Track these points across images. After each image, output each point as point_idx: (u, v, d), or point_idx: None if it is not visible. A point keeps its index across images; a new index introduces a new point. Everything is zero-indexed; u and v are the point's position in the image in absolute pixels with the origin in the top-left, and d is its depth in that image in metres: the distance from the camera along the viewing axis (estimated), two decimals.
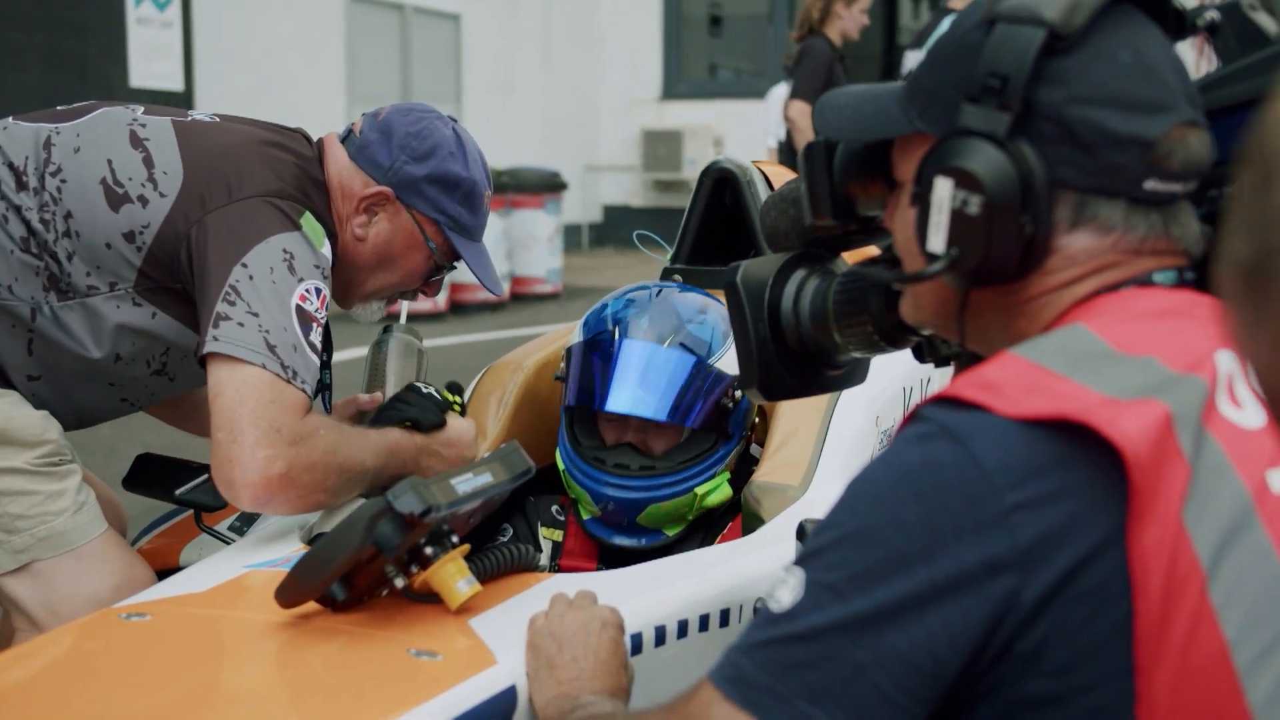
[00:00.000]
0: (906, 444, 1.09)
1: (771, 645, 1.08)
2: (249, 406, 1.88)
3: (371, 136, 2.18)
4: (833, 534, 1.09)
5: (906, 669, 1.04)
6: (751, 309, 1.45)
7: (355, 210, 2.17)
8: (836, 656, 1.05)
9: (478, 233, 2.26)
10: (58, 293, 2.04)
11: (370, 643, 1.52)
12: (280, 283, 1.96)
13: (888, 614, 1.04)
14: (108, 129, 2.09)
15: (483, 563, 1.68)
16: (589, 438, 2.28)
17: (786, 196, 1.49)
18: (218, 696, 1.45)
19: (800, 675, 1.06)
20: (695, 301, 2.33)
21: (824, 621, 1.06)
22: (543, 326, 8.74)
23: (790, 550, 1.90)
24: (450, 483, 1.55)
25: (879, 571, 1.05)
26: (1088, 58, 1.13)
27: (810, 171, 1.35)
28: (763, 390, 1.47)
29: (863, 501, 1.08)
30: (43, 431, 2.04)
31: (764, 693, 1.07)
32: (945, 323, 1.25)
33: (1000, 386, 1.06)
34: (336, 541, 1.49)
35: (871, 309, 1.39)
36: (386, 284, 2.26)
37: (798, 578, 1.09)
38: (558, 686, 1.45)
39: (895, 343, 1.42)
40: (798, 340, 1.45)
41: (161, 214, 2.02)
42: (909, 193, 1.21)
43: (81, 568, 2.02)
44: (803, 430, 2.21)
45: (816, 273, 1.46)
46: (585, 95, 13.45)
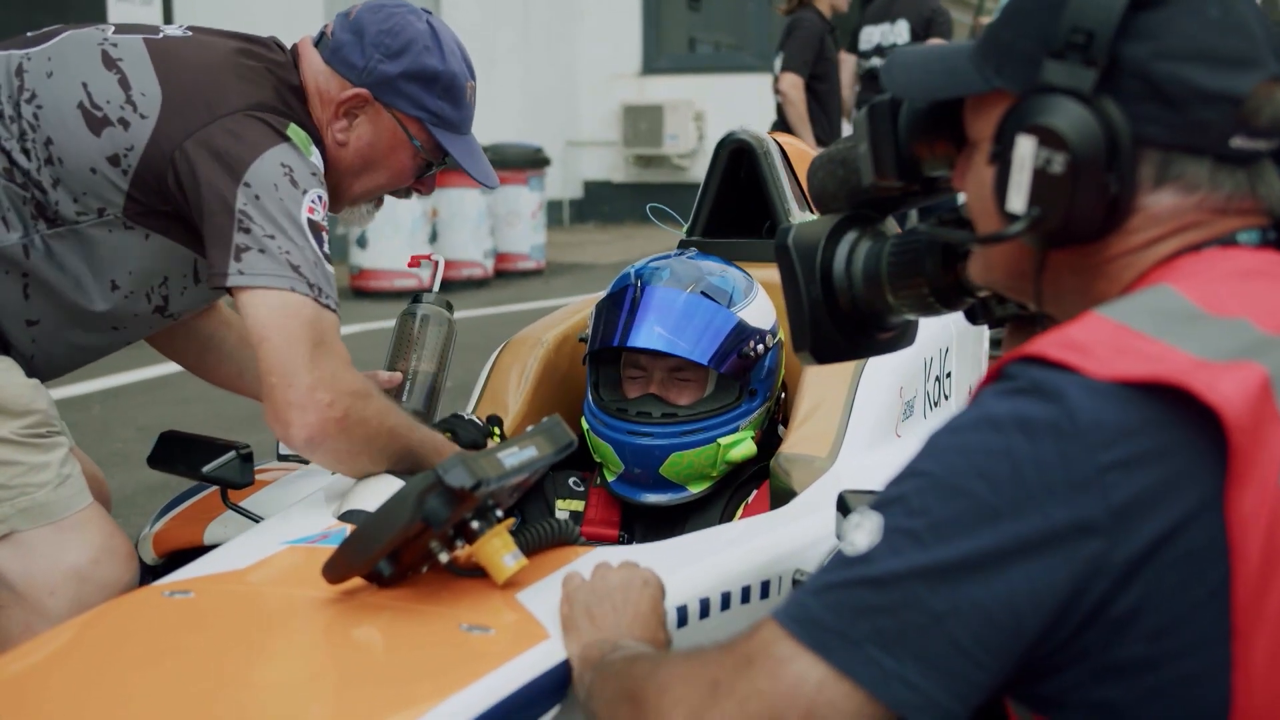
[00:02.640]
0: (994, 398, 1.07)
1: (844, 588, 1.06)
2: (300, 350, 1.88)
3: (344, 37, 2.13)
4: (915, 482, 1.07)
5: (984, 622, 1.02)
6: (804, 271, 1.44)
7: (334, 115, 2.13)
8: (912, 604, 1.03)
9: (464, 125, 2.21)
10: (46, 221, 2.01)
11: (420, 618, 1.51)
12: (287, 198, 1.95)
13: (969, 565, 1.02)
14: (78, 51, 2.06)
15: (525, 537, 1.68)
16: (612, 392, 2.30)
17: (835, 157, 1.47)
18: (272, 673, 1.44)
19: (872, 620, 1.04)
20: (715, 263, 2.37)
21: (902, 567, 1.04)
22: (527, 303, 8.72)
23: (827, 521, 1.91)
24: (497, 456, 1.54)
25: (963, 522, 1.03)
26: (1175, 12, 1.12)
27: (874, 131, 1.33)
28: (814, 352, 1.46)
29: (948, 451, 1.07)
30: (30, 401, 2.02)
31: (833, 635, 1.05)
32: (1019, 284, 1.23)
33: (1088, 347, 1.05)
34: (387, 516, 1.48)
35: (927, 270, 1.38)
36: (374, 186, 2.22)
37: (875, 522, 1.07)
38: (595, 632, 1.46)
39: (950, 304, 1.41)
40: (850, 302, 1.43)
41: (145, 136, 1.99)
42: (987, 151, 1.19)
43: (61, 539, 2.01)
44: (828, 402, 2.22)
45: (868, 234, 1.45)
46: (565, 70, 13.39)
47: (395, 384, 2.29)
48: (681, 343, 2.22)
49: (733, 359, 2.24)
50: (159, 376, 6.38)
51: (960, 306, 1.42)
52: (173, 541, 2.23)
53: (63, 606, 2.00)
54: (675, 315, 2.24)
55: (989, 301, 1.41)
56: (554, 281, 10.17)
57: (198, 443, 2.12)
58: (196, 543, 2.20)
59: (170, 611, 1.55)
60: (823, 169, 1.48)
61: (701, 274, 2.30)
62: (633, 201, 13.54)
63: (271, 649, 1.49)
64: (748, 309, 2.28)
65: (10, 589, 2.01)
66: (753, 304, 2.31)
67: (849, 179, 1.44)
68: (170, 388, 6.28)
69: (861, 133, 1.35)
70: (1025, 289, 1.23)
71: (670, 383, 2.27)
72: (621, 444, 2.23)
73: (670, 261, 2.35)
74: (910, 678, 1.03)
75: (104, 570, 2.03)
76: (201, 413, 5.82)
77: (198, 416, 5.72)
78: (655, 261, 2.36)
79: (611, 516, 2.32)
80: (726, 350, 2.23)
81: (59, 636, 1.53)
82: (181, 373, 2.60)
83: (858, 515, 1.09)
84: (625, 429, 2.23)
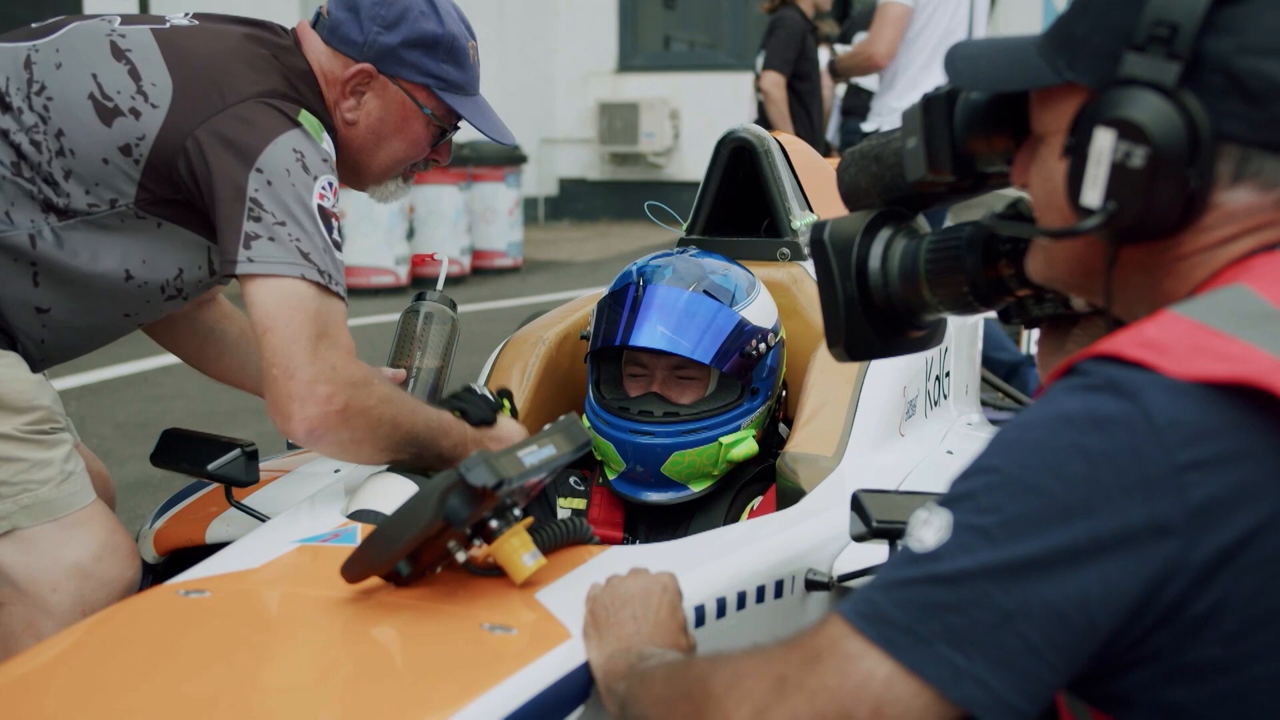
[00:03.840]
0: (1067, 394, 1.06)
1: (913, 585, 1.06)
2: (301, 343, 1.89)
3: (340, 15, 2.13)
4: (986, 478, 1.06)
5: (1056, 621, 1.02)
6: (839, 267, 1.43)
7: (342, 95, 2.13)
8: (982, 602, 1.02)
9: (471, 86, 2.21)
10: (57, 214, 2.00)
11: (441, 617, 1.50)
12: (299, 184, 1.94)
13: (1041, 564, 1.02)
14: (87, 42, 2.05)
15: (542, 536, 1.67)
16: (614, 390, 2.29)
17: (868, 153, 1.47)
18: (293, 674, 1.42)
19: (942, 618, 1.03)
20: (717, 261, 2.37)
21: (972, 565, 1.03)
22: (504, 301, 8.70)
23: (836, 520, 1.91)
24: (517, 455, 1.54)
25: (1035, 519, 1.02)
26: (1260, 6, 1.10)
27: (930, 124, 1.32)
28: (848, 350, 1.45)
29: (1019, 448, 1.06)
30: (34, 397, 2.01)
31: (902, 632, 1.04)
32: (1083, 281, 1.22)
33: (1165, 346, 1.04)
34: (408, 515, 1.47)
35: (967, 267, 1.37)
36: (393, 160, 2.22)
37: (944, 519, 1.06)
38: (617, 642, 1.45)
39: (988, 302, 1.40)
40: (885, 300, 1.43)
41: (156, 125, 1.98)
42: (1057, 145, 1.18)
43: (64, 535, 2.00)
44: (833, 401, 2.22)
45: (902, 231, 1.44)
46: (540, 68, 13.36)
47: (398, 381, 2.27)
48: (684, 342, 2.22)
49: (735, 358, 2.24)
50: (136, 373, 6.34)
51: (998, 305, 1.42)
52: (174, 540, 2.22)
53: (65, 603, 1.99)
54: (677, 314, 2.24)
55: (1026, 301, 1.41)
56: (531, 279, 10.14)
57: (201, 440, 2.11)
58: (198, 541, 2.18)
59: (186, 611, 1.53)
60: (854, 165, 1.48)
61: (704, 272, 2.30)
62: (608, 199, 13.53)
63: (292, 650, 1.48)
64: (750, 308, 2.28)
65: (13, 585, 2.00)
66: (755, 303, 2.31)
67: (883, 175, 1.43)
68: (148, 384, 6.24)
69: (913, 126, 1.34)
70: (1091, 286, 1.21)
71: (672, 381, 2.27)
72: (623, 443, 2.23)
73: (672, 259, 2.35)
74: (980, 676, 1.02)
75: (106, 567, 2.02)
76: (180, 409, 5.78)
77: (176, 413, 5.69)
78: (657, 259, 2.35)
79: (615, 516, 2.31)
80: (728, 349, 2.23)
81: (73, 636, 1.52)
82: (159, 368, 2.59)
83: (925, 511, 1.08)
84: (627, 428, 2.23)
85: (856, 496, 1.71)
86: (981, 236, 1.36)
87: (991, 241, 1.36)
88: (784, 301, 2.49)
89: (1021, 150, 1.26)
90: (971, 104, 1.30)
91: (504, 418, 2.16)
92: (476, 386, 2.18)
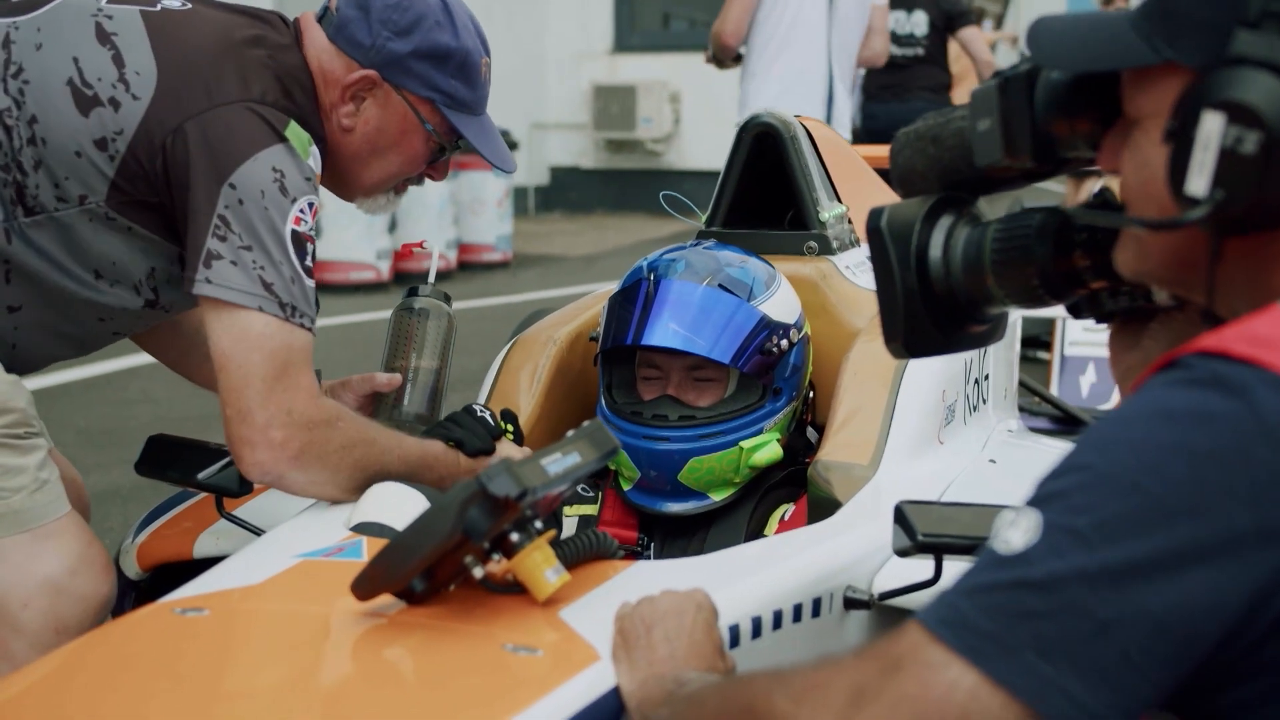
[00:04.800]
0: (1168, 389, 1.06)
1: (999, 590, 1.05)
2: (255, 385, 1.91)
3: (349, 14, 2.12)
4: (1078, 476, 1.06)
5: (1156, 631, 1.01)
6: (898, 256, 1.42)
7: (340, 99, 2.12)
8: (1076, 610, 1.01)
9: (479, 106, 2.20)
10: (24, 209, 2.00)
11: (460, 638, 1.50)
12: (273, 207, 1.94)
13: (1140, 569, 1.01)
14: (71, 22, 2.04)
15: (564, 550, 1.67)
16: (626, 394, 2.29)
17: (924, 134, 1.46)
18: (304, 699, 1.42)
19: (1031, 625, 1.02)
20: (734, 254, 2.37)
21: (1065, 569, 1.02)
22: (492, 298, 8.69)
23: (875, 534, 1.91)
24: (540, 464, 1.53)
25: (1133, 521, 1.02)
26: None
27: (1007, 106, 1.31)
28: (907, 345, 1.45)
29: (1115, 444, 1.05)
30: (8, 399, 2.01)
31: (988, 640, 1.04)
32: (1180, 276, 1.21)
33: (1276, 342, 1.04)
34: (426, 528, 1.47)
35: (1037, 257, 1.36)
36: (386, 174, 2.21)
37: (1033, 519, 1.05)
38: (649, 667, 1.45)
39: (1059, 295, 1.39)
40: (946, 291, 1.42)
41: (135, 119, 1.98)
42: (1155, 129, 1.17)
43: (36, 547, 2.00)
44: (867, 407, 2.22)
45: (964, 219, 1.43)
46: (530, 47, 13.35)
47: (395, 386, 2.27)
48: (700, 340, 2.22)
49: (755, 356, 2.24)
50: (99, 375, 6.33)
51: (1069, 298, 1.41)
52: (160, 554, 2.22)
53: (37, 621, 1.98)
54: (692, 311, 2.24)
55: (1100, 295, 1.40)
56: (522, 275, 10.14)
57: (190, 446, 2.11)
58: (186, 556, 2.18)
59: (185, 630, 1.53)
60: (909, 147, 1.47)
61: (719, 265, 2.30)
62: (603, 189, 13.52)
63: (302, 672, 1.48)
64: (770, 302, 2.28)
65: None
66: (775, 296, 2.31)
67: (941, 158, 1.43)
68: (111, 387, 6.23)
69: (987, 107, 1.33)
70: (1188, 281, 1.21)
71: (688, 383, 2.27)
72: (637, 449, 2.23)
73: (686, 252, 2.35)
74: (1072, 689, 1.02)
75: (81, 582, 2.02)
76: (146, 414, 5.77)
77: (142, 418, 5.68)
78: (670, 253, 2.35)
79: (628, 524, 2.31)
80: (748, 347, 2.23)
81: (66, 655, 1.52)
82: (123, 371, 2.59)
83: (1011, 512, 1.08)
84: (641, 433, 2.23)
85: (900, 508, 1.71)
86: (1054, 225, 1.36)
87: (1065, 230, 1.36)
88: (811, 299, 2.49)
89: (1110, 134, 1.25)
90: (1055, 84, 1.29)
91: (506, 444, 2.16)
92: (478, 408, 2.18)
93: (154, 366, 2.50)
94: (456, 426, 2.14)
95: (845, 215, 2.72)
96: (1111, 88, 1.24)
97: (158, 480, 2.14)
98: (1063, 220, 1.35)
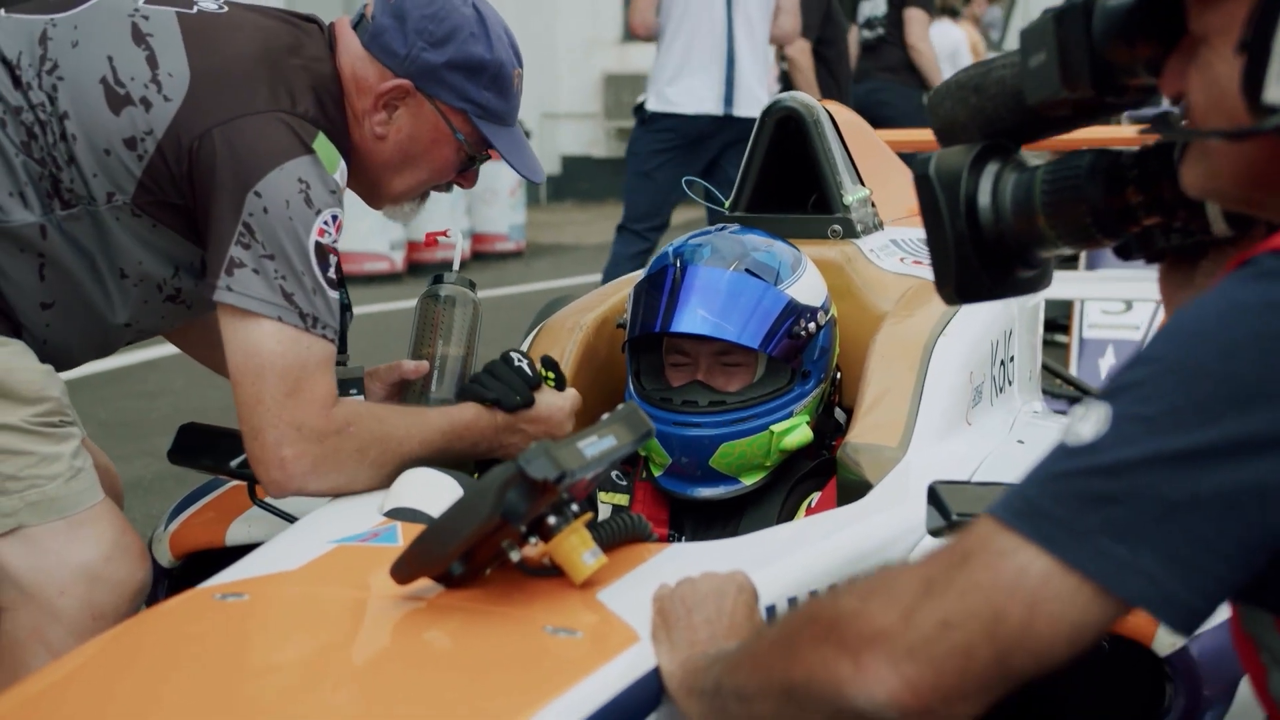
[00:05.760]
0: (1239, 284, 1.06)
1: (1069, 477, 1.05)
2: (266, 402, 1.94)
3: (385, 22, 2.13)
4: (1148, 367, 1.06)
5: (1229, 512, 1.01)
6: (947, 202, 1.43)
7: (373, 107, 2.13)
8: (1147, 493, 1.02)
9: (510, 117, 2.22)
10: (61, 201, 2.02)
11: (500, 620, 1.51)
12: (297, 218, 1.96)
13: (1212, 452, 1.01)
14: (108, 21, 2.06)
15: (601, 533, 1.68)
16: (655, 381, 2.30)
17: (965, 84, 1.46)
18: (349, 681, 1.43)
19: (1103, 510, 1.03)
20: (759, 238, 2.37)
21: (1135, 455, 1.02)
22: (506, 288, 8.70)
23: (907, 514, 1.92)
24: (577, 446, 1.54)
25: (1206, 407, 1.02)
26: None
27: (1064, 36, 1.29)
28: (959, 290, 1.45)
29: (1186, 336, 1.05)
30: (43, 388, 2.03)
31: (1059, 526, 1.04)
32: (1251, 193, 1.19)
33: None
34: (465, 511, 1.48)
35: (1089, 195, 1.35)
36: (415, 182, 2.23)
37: (1102, 411, 1.05)
38: (691, 648, 1.45)
39: (1112, 232, 1.38)
40: (996, 236, 1.42)
41: (165, 120, 1.99)
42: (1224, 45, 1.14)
43: (72, 534, 2.02)
44: (896, 389, 2.22)
45: (1010, 164, 1.43)
46: (541, 36, 13.34)
47: (423, 373, 2.28)
48: (728, 326, 2.22)
49: (783, 340, 2.24)
50: (119, 368, 6.35)
51: (1123, 235, 1.40)
52: (193, 542, 2.23)
53: (73, 607, 2.00)
54: (720, 296, 2.24)
55: (1153, 231, 1.39)
56: (535, 264, 10.15)
57: (222, 435, 2.12)
58: (218, 544, 2.19)
59: (226, 615, 1.54)
60: (950, 97, 1.47)
61: (745, 250, 2.31)
62: (614, 178, 13.44)
63: (344, 654, 1.49)
64: (796, 285, 2.29)
65: (17, 588, 2.01)
66: (802, 279, 2.31)
67: (984, 106, 1.43)
68: (131, 380, 6.25)
69: (1040, 42, 1.31)
70: (1260, 196, 1.19)
71: (717, 368, 2.28)
72: (668, 436, 2.23)
73: (711, 238, 2.36)
74: (1147, 569, 1.02)
75: (116, 568, 2.04)
76: (166, 406, 5.79)
77: (163, 409, 5.70)
78: (695, 238, 2.36)
79: (659, 512, 2.32)
80: (776, 331, 2.24)
81: (106, 643, 1.53)
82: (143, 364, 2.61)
83: (1081, 408, 1.08)
84: (671, 420, 2.23)
85: (934, 488, 1.71)
86: (1105, 163, 1.35)
87: (1116, 167, 1.35)
88: (837, 282, 2.49)
89: (1173, 56, 1.23)
90: (1114, 9, 1.27)
91: (546, 393, 2.17)
92: (516, 356, 2.17)
93: (174, 359, 2.52)
94: (494, 380, 2.14)
95: (869, 198, 2.73)
96: (1174, 9, 1.22)
97: (190, 468, 2.15)
98: (1113, 158, 1.35)
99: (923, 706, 1.10)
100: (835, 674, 1.14)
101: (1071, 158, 1.38)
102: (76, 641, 1.91)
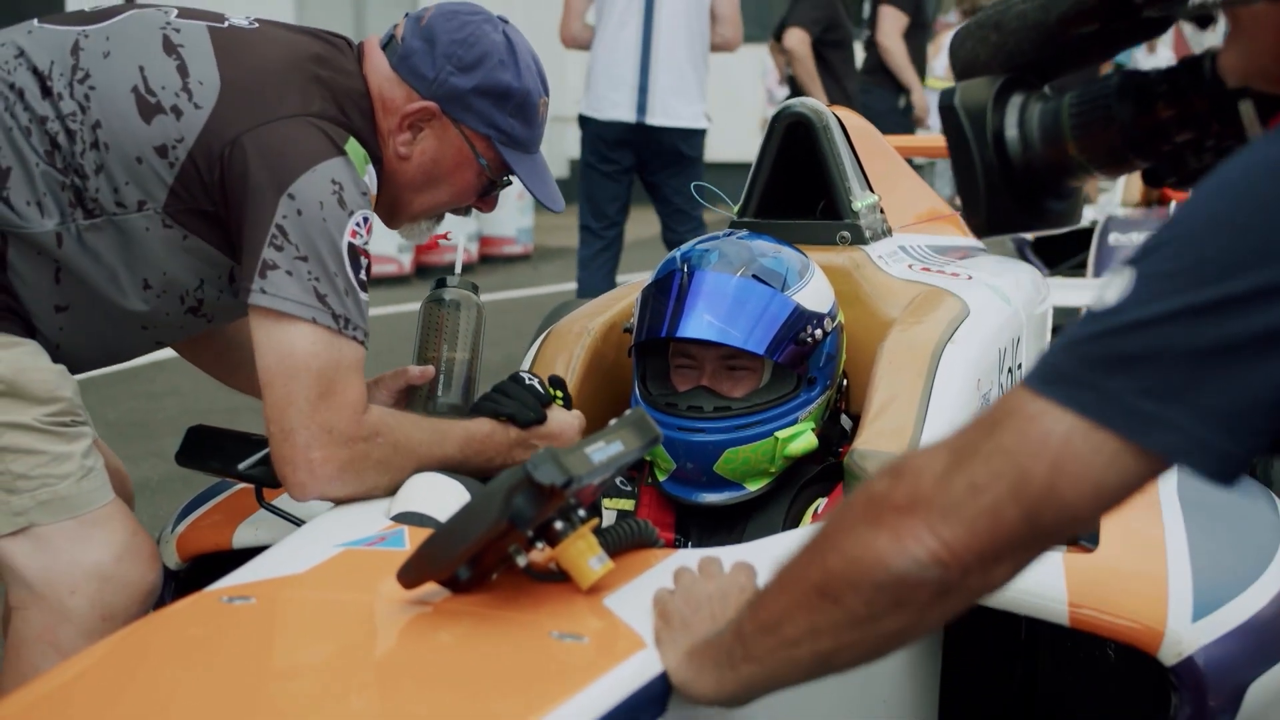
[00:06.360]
0: (1264, 144, 1.05)
1: (1093, 339, 1.05)
2: (298, 404, 1.93)
3: (414, 44, 2.14)
4: (1172, 230, 1.05)
5: (1257, 360, 1.00)
6: (974, 132, 1.42)
7: (399, 127, 2.14)
8: (1175, 346, 1.01)
9: (533, 145, 2.23)
10: (84, 211, 2.02)
11: (506, 625, 1.51)
12: (330, 219, 1.96)
13: (1237, 302, 1.00)
14: (139, 32, 2.08)
15: (607, 538, 1.68)
16: (661, 385, 2.30)
17: (985, 23, 1.46)
18: (356, 685, 1.43)
19: (1130, 368, 1.02)
20: (767, 243, 2.38)
21: (1160, 310, 1.02)
22: (514, 291, 8.71)
23: None
24: (584, 452, 1.54)
25: (1231, 261, 1.01)
26: None
27: None
28: (989, 221, 1.45)
29: (1210, 197, 1.04)
30: (56, 387, 2.03)
31: (1083, 386, 1.04)
32: None
33: None
34: (472, 516, 1.48)
35: (1119, 116, 1.35)
36: (434, 203, 2.25)
37: (1127, 275, 1.05)
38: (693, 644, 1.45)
39: (1143, 152, 1.37)
40: (1024, 165, 1.42)
41: (197, 127, 2.01)
42: None
43: (83, 534, 2.02)
44: (903, 396, 2.22)
45: (1035, 97, 1.43)
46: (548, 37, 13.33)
47: (428, 378, 2.28)
48: (734, 331, 2.23)
49: (789, 346, 2.24)
50: (127, 369, 6.35)
51: (1155, 154, 1.38)
52: (200, 544, 2.23)
53: (84, 607, 2.00)
54: (726, 302, 2.24)
55: (1184, 151, 1.37)
56: (543, 268, 10.16)
57: (230, 438, 2.12)
58: (225, 546, 2.20)
59: (233, 618, 1.54)
60: (971, 37, 1.47)
61: (753, 255, 2.31)
62: None
63: (351, 658, 1.49)
64: (804, 291, 2.29)
65: (28, 587, 2.01)
66: (809, 285, 2.31)
67: (1005, 43, 1.43)
68: (139, 380, 6.26)
69: None
70: None
71: (722, 374, 2.28)
72: (673, 441, 2.24)
73: (719, 243, 2.36)
74: (1174, 419, 1.01)
75: (127, 569, 2.04)
76: (173, 407, 5.81)
77: (170, 410, 5.72)
78: (703, 243, 2.36)
79: (665, 518, 2.32)
80: (783, 337, 2.24)
81: (114, 644, 1.53)
82: (150, 365, 2.62)
83: (1109, 275, 1.08)
84: (676, 424, 2.24)
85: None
86: (1134, 82, 1.34)
87: (1145, 85, 1.34)
88: (845, 288, 2.49)
89: None
90: None
91: (556, 410, 2.18)
92: (525, 375, 2.19)
93: (181, 360, 2.52)
94: (506, 398, 2.15)
95: (878, 204, 2.73)
96: None
97: (198, 470, 2.15)
98: (1142, 77, 1.35)
99: (961, 565, 1.12)
100: (874, 548, 1.16)
101: (1098, 82, 1.38)
102: (86, 642, 1.92)
